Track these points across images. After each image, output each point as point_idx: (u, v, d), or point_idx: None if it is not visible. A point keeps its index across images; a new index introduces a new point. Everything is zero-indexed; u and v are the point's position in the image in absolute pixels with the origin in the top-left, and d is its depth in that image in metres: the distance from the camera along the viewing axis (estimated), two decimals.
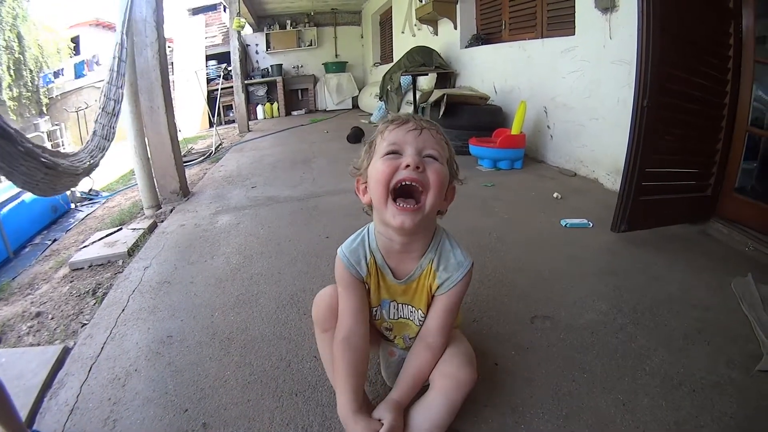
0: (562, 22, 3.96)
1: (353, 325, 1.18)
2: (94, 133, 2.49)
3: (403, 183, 1.04)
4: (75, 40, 15.91)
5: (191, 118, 10.83)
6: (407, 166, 1.03)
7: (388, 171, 1.04)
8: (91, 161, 2.34)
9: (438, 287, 1.15)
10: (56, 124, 13.45)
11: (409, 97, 6.10)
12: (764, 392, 1.29)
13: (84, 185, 6.19)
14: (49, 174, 1.88)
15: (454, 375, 1.11)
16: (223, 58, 10.64)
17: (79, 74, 14.71)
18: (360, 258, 1.19)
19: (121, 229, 3.18)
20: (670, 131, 2.27)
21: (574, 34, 3.64)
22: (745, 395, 1.28)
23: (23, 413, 1.37)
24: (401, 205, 1.04)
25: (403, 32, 8.02)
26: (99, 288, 2.34)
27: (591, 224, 2.57)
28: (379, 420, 1.08)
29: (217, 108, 8.50)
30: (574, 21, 3.62)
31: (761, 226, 2.23)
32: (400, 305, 1.23)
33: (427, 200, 1.05)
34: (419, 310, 1.20)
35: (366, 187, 1.14)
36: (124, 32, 3.00)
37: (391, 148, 1.07)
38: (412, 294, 1.20)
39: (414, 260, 1.17)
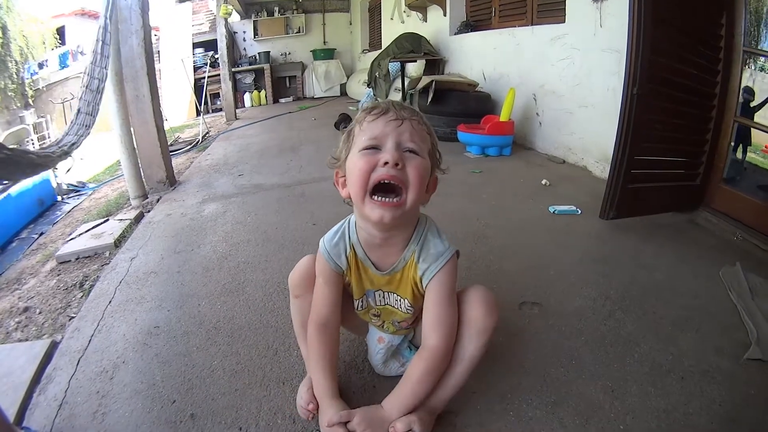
0: (552, 10, 3.93)
1: (328, 315, 1.21)
2: (79, 111, 2.51)
3: (382, 182, 0.99)
4: (60, 31, 15.63)
5: (178, 106, 10.70)
6: (386, 163, 0.98)
7: (366, 168, 1.00)
8: (77, 139, 2.44)
9: (420, 279, 1.11)
10: (42, 116, 13.21)
11: (398, 83, 6.07)
12: (753, 380, 1.31)
13: (71, 177, 6.13)
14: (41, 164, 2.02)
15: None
16: (210, 45, 10.50)
17: (63, 65, 14.47)
18: (340, 252, 1.17)
19: (107, 220, 3.14)
20: (660, 120, 2.27)
21: (564, 22, 3.63)
22: (733, 383, 1.29)
23: (13, 410, 1.36)
24: (381, 199, 1.00)
25: (392, 19, 7.94)
26: (86, 280, 2.31)
27: (579, 211, 2.58)
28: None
29: (204, 96, 8.38)
30: (565, 8, 3.61)
31: (747, 219, 2.24)
32: (385, 293, 1.20)
33: (408, 197, 1.00)
34: (405, 299, 1.17)
35: (345, 180, 1.09)
36: (108, 16, 2.96)
37: (370, 142, 1.01)
38: (397, 284, 1.17)
39: (396, 253, 1.13)
